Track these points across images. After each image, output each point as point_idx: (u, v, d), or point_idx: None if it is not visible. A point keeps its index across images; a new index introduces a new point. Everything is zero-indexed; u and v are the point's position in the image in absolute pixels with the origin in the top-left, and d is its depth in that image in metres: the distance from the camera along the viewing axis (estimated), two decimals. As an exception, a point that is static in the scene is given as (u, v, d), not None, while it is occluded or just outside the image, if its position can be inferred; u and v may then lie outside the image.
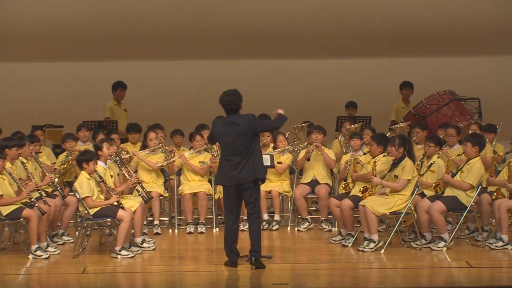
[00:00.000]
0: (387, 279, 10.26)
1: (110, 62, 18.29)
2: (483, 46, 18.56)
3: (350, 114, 16.00)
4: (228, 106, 10.45)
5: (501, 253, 11.30)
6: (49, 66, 18.38)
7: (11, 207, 11.19)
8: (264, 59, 18.56)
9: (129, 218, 11.22)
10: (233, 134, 10.36)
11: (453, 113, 15.49)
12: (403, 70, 17.73)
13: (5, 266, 10.83)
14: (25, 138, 12.49)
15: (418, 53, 18.51)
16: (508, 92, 18.41)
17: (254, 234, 10.48)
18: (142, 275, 10.53)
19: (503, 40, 18.45)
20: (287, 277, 10.19)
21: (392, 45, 18.48)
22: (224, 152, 10.50)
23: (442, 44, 18.51)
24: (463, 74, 18.15)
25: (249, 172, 10.31)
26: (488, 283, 9.96)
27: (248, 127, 10.35)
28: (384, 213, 11.51)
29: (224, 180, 10.50)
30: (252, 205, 10.47)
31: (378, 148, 11.98)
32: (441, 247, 11.41)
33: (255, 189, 10.46)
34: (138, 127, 13.94)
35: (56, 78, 18.42)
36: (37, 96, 18.19)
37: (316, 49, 18.61)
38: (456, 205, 11.59)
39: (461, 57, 18.59)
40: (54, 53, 18.28)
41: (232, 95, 10.42)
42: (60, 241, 12.14)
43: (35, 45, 18.14)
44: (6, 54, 18.19)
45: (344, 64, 18.68)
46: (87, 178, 11.29)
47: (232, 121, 10.41)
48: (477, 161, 11.67)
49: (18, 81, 18.36)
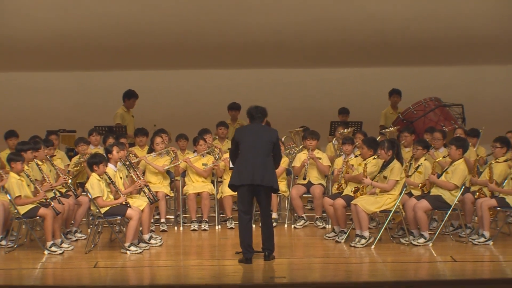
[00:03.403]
0: (377, 273, 10.27)
1: (118, 71, 18.29)
2: (467, 57, 18.56)
3: (342, 119, 16.02)
4: (255, 115, 10.55)
5: (483, 248, 11.31)
6: (62, 75, 18.38)
7: (28, 206, 11.22)
8: (262, 68, 18.56)
9: (137, 217, 11.26)
10: (255, 140, 10.41)
11: (439, 118, 15.52)
12: (392, 78, 17.74)
13: (22, 261, 10.87)
14: (40, 142, 12.53)
15: (405, 62, 18.52)
16: (489, 99, 18.43)
17: (267, 233, 10.54)
18: (150, 269, 10.53)
19: (485, 51, 18.43)
20: (284, 271, 10.18)
21: (381, 55, 18.48)
22: (245, 155, 10.45)
23: (428, 54, 18.51)
24: (447, 82, 18.16)
25: (266, 177, 10.34)
26: (471, 276, 9.97)
27: (272, 139, 10.46)
28: (374, 211, 11.51)
29: (243, 179, 10.42)
30: (265, 207, 10.54)
31: (369, 151, 12.03)
32: (420, 243, 11.43)
33: (268, 194, 10.53)
34: (145, 131, 13.98)
35: (69, 86, 18.43)
36: (51, 103, 18.19)
37: (311, 59, 18.61)
38: (441, 203, 11.62)
39: (446, 67, 18.62)
40: (67, 63, 18.28)
41: (262, 109, 10.58)
42: (73, 238, 12.18)
43: (50, 57, 18.13)
44: (23, 65, 18.21)
45: (336, 73, 18.68)
46: (97, 179, 11.32)
47: (256, 128, 10.52)
48: (461, 162, 11.70)
49: (34, 90, 18.35)
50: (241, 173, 10.43)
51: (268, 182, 10.38)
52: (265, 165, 10.36)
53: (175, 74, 18.61)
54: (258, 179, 10.33)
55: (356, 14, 18.10)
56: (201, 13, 17.90)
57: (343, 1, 18.08)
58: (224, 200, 13.05)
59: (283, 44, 18.38)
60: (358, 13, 18.10)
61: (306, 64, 18.68)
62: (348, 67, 18.62)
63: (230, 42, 18.24)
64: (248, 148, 10.43)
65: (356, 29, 18.21)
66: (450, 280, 9.71)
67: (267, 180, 10.37)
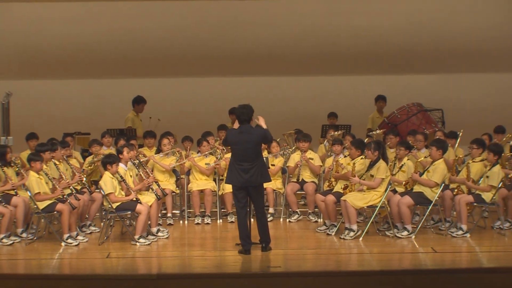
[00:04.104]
0: (364, 263, 10.31)
1: (128, 79, 18.26)
2: (446, 66, 18.58)
3: (331, 122, 16.05)
4: (241, 117, 10.48)
5: (461, 240, 11.32)
6: (78, 83, 18.37)
7: (46, 202, 11.24)
8: (259, 76, 18.53)
9: (146, 211, 11.27)
10: (244, 143, 10.39)
11: (421, 122, 15.55)
12: (378, 85, 17.73)
13: (41, 252, 10.86)
14: (57, 143, 12.55)
15: (390, 71, 18.52)
16: (467, 105, 18.41)
17: (262, 227, 10.55)
18: (157, 259, 10.55)
19: (462, 61, 18.47)
20: (279, 261, 10.19)
21: (368, 65, 18.50)
22: (236, 157, 10.47)
23: (410, 63, 18.53)
24: (429, 89, 18.14)
25: (257, 177, 10.37)
26: (450, 266, 10.02)
27: (259, 139, 10.44)
28: (362, 206, 11.52)
29: (234, 181, 10.49)
30: (258, 203, 10.55)
31: (357, 152, 12.03)
32: (404, 235, 11.44)
33: (260, 190, 10.56)
34: (153, 133, 13.97)
35: (84, 93, 18.40)
36: (68, 108, 18.15)
37: (304, 68, 18.58)
38: (423, 199, 11.63)
39: (427, 75, 18.60)
40: (83, 73, 18.29)
41: (246, 108, 10.48)
42: (88, 231, 12.16)
43: (67, 67, 18.20)
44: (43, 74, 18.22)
45: (327, 81, 18.63)
46: (110, 177, 11.34)
47: (244, 131, 10.44)
48: (441, 162, 11.73)
49: (53, 96, 18.31)
50: (233, 175, 10.48)
51: (259, 180, 10.44)
52: (255, 166, 10.38)
53: (180, 82, 18.59)
54: (248, 180, 10.37)
55: (345, 28, 18.22)
56: (203, 28, 18.10)
57: (333, 16, 18.22)
58: (225, 196, 13.05)
59: (278, 55, 18.44)
60: (346, 27, 18.23)
61: (299, 73, 18.68)
62: (338, 75, 18.60)
63: (229, 53, 18.34)
64: (239, 151, 10.45)
65: (345, 41, 18.32)
66: (431, 269, 9.73)
67: (258, 179, 10.42)
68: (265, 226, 10.61)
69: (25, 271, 9.98)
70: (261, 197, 10.65)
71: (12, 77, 17.77)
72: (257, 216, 10.58)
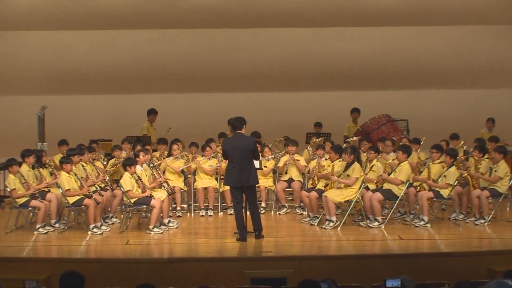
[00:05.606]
0: (342, 248, 10.29)
1: (144, 94, 18.22)
2: (410, 83, 18.61)
3: (317, 131, 16.04)
4: (235, 124, 10.56)
5: (423, 229, 11.33)
6: (102, 98, 18.27)
7: (75, 198, 11.28)
8: (253, 92, 18.51)
9: (159, 205, 11.28)
10: (239, 150, 10.41)
11: (389, 130, 15.56)
12: (353, 99, 17.68)
13: (71, 239, 10.86)
14: (84, 148, 12.57)
15: (364, 87, 18.51)
16: (428, 116, 18.41)
17: (255, 219, 10.56)
18: (168, 245, 10.52)
19: (425, 78, 18.55)
20: (271, 247, 10.16)
21: (346, 82, 18.50)
22: (232, 162, 10.48)
23: (381, 81, 18.55)
24: (396, 103, 18.14)
25: (248, 179, 10.40)
26: (414, 251, 10.02)
27: (250, 146, 10.44)
28: (340, 201, 11.54)
29: (230, 182, 10.55)
30: (251, 200, 10.55)
31: (336, 155, 12.03)
32: (375, 226, 11.45)
33: (252, 189, 10.56)
34: (165, 140, 13.94)
35: (107, 106, 18.32)
36: (94, 118, 18.11)
37: (292, 85, 18.57)
38: (391, 195, 11.66)
39: (395, 91, 18.59)
40: (106, 89, 18.26)
41: (239, 119, 10.57)
42: (110, 222, 12.17)
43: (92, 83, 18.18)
44: (73, 90, 18.22)
45: (311, 96, 18.61)
46: (129, 177, 11.34)
47: (238, 140, 10.47)
48: (406, 164, 11.75)
49: (81, 108, 18.31)
50: (230, 176, 10.50)
51: (252, 182, 10.47)
52: (248, 169, 10.41)
53: (187, 97, 18.57)
54: (243, 181, 10.40)
55: (326, 52, 18.30)
56: (207, 51, 18.19)
57: (317, 42, 18.30)
58: (225, 193, 13.03)
59: (270, 74, 18.48)
60: (328, 51, 18.31)
61: (288, 89, 18.67)
62: (320, 91, 18.59)
63: (229, 73, 18.34)
64: (234, 156, 10.45)
65: (326, 63, 18.40)
66: (398, 254, 9.74)
67: (251, 181, 10.45)
68: (258, 218, 10.61)
69: (57, 255, 9.96)
70: (254, 195, 10.63)
71: (47, 93, 17.73)
72: (251, 210, 10.59)
